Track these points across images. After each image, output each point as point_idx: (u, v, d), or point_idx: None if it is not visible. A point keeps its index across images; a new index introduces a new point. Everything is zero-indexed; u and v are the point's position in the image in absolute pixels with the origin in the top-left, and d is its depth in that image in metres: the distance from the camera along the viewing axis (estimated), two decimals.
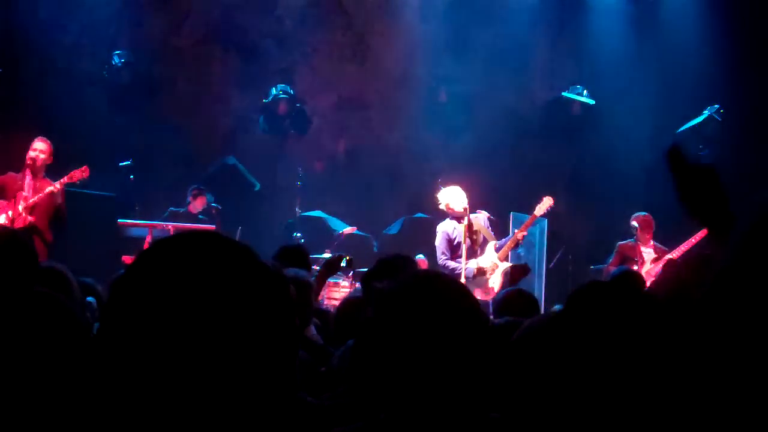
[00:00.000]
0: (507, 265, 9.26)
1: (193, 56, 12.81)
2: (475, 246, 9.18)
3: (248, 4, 12.77)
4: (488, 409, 2.03)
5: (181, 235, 1.36)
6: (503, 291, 5.42)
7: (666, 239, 10.10)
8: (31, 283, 2.29)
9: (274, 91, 12.76)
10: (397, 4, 13.38)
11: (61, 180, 9.19)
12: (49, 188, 9.14)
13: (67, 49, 11.84)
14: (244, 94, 12.66)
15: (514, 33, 12.99)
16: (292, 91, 12.79)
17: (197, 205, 11.12)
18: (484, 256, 9.24)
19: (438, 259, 9.20)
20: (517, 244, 9.52)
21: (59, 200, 9.20)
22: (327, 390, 3.34)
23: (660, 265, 9.67)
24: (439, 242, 9.13)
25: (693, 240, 9.63)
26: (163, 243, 1.34)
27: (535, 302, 4.87)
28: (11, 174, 9.49)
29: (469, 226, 9.02)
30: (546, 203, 9.70)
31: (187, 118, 12.62)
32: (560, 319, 1.78)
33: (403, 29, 13.21)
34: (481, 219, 9.45)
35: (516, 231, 9.53)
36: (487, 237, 9.29)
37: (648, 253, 10.03)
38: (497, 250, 9.32)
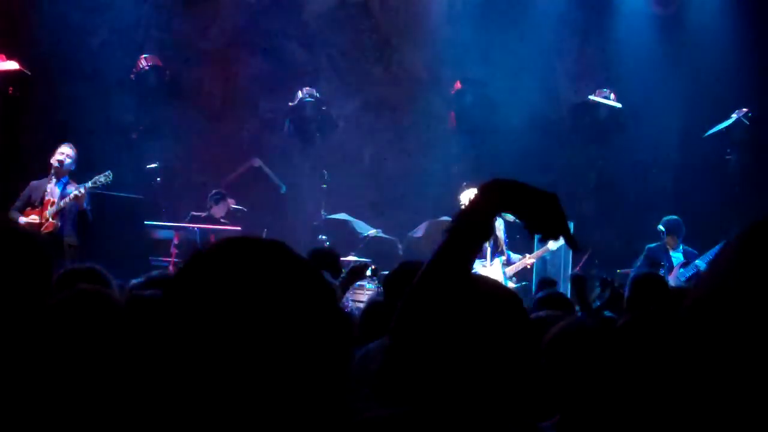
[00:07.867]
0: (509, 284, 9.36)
1: (219, 60, 12.86)
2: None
3: (274, 7, 12.80)
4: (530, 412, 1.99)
5: (241, 240, 1.35)
6: (543, 292, 5.47)
7: (693, 242, 10.02)
8: (46, 285, 2.30)
9: (300, 94, 12.77)
10: (424, 6, 13.35)
11: (85, 185, 9.27)
12: (74, 192, 9.21)
13: (95, 53, 11.91)
14: (271, 98, 12.68)
15: (541, 36, 12.93)
16: (318, 94, 12.81)
17: (219, 209, 11.13)
18: (489, 268, 9.29)
19: None
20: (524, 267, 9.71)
21: (83, 204, 9.26)
22: (350, 392, 3.32)
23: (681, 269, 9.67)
24: None
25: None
26: (219, 248, 1.33)
27: (570, 305, 4.95)
28: (33, 183, 9.57)
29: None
30: (562, 240, 9.79)
31: (214, 121, 12.68)
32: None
33: (429, 32, 13.19)
34: (498, 224, 9.50)
35: (527, 255, 9.67)
36: (500, 245, 9.37)
37: (677, 257, 9.97)
38: (506, 264, 9.42)
